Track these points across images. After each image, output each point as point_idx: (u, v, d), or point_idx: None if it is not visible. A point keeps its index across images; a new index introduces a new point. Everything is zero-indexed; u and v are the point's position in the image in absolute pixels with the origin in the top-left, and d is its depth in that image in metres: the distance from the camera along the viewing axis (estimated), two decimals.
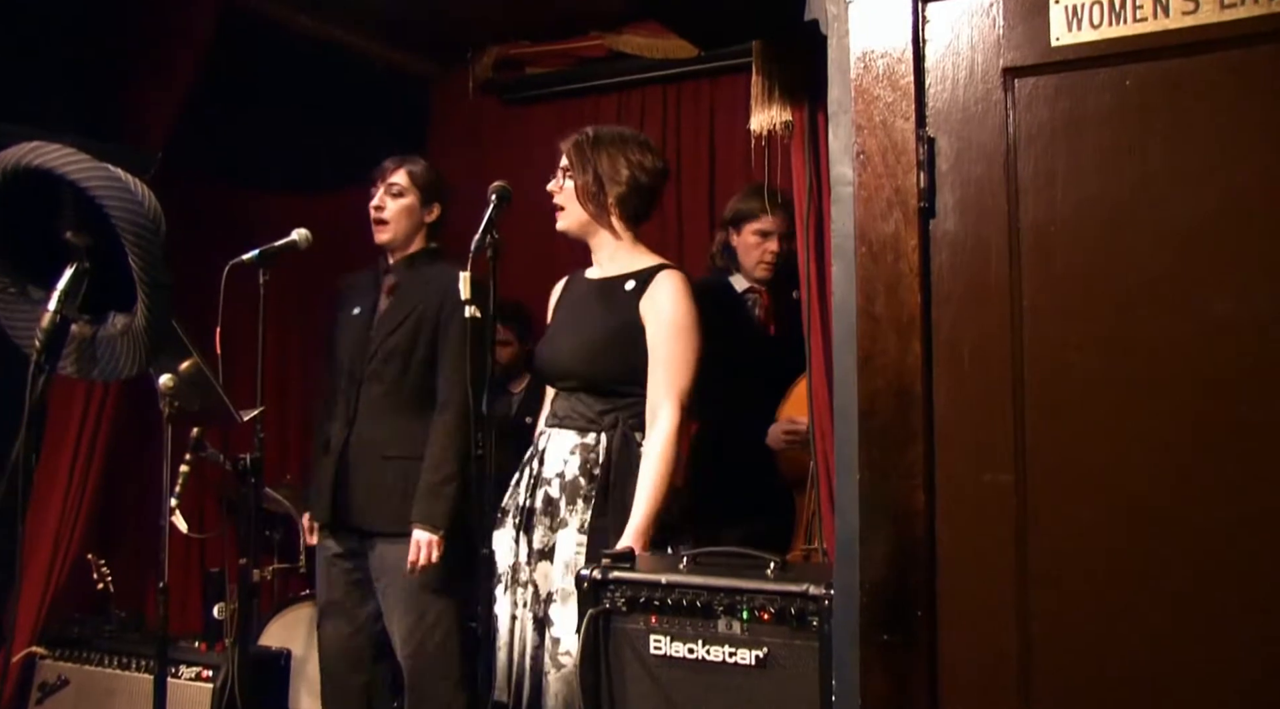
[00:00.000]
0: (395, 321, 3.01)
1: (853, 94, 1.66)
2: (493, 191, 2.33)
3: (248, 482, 2.46)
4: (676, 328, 2.52)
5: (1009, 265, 1.58)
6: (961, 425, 1.59)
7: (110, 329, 1.38)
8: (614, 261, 2.65)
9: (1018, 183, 1.59)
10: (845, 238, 1.64)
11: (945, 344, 1.59)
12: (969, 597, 1.60)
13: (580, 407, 2.55)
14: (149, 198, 1.33)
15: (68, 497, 3.29)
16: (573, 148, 2.62)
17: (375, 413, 2.97)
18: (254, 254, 2.62)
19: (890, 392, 1.60)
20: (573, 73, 4.41)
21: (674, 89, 4.26)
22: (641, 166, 2.63)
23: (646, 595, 1.93)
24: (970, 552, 1.60)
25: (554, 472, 2.50)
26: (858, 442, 1.61)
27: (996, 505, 1.58)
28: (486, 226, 2.26)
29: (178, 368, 2.28)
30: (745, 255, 3.34)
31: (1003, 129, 1.61)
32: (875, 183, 1.63)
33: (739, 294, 3.37)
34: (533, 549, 2.47)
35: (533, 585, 2.45)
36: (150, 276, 1.31)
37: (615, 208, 2.62)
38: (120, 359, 1.38)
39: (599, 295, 2.62)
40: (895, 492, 1.60)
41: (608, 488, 2.47)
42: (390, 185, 3.06)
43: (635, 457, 2.49)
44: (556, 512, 2.47)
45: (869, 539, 1.62)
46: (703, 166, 4.18)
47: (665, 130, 4.28)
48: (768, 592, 1.85)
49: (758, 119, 2.27)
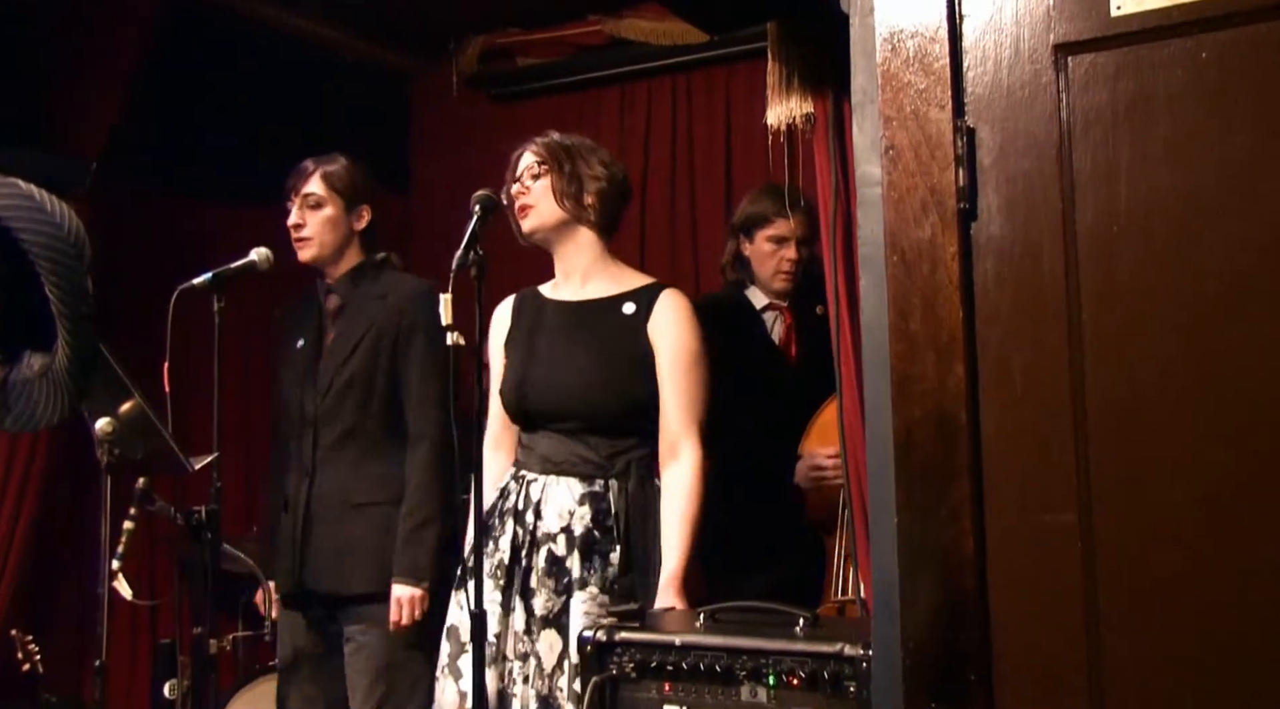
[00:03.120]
0: (347, 349, 2.98)
1: (879, 81, 1.63)
2: (476, 202, 2.33)
3: (203, 538, 2.44)
4: (693, 355, 2.57)
5: (1065, 273, 1.55)
6: (1014, 459, 1.55)
7: (26, 371, 1.36)
8: (594, 277, 2.66)
9: (1073, 177, 1.56)
10: (874, 246, 1.62)
11: (993, 365, 1.56)
12: (1030, 656, 1.56)
13: (582, 450, 2.53)
14: (68, 218, 1.32)
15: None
16: (543, 147, 2.65)
17: (336, 457, 2.95)
18: (206, 277, 2.62)
19: (930, 421, 1.57)
20: (569, 63, 4.42)
21: (684, 79, 4.27)
22: (613, 170, 2.68)
23: (659, 659, 1.91)
24: (1029, 604, 1.56)
25: (557, 526, 2.49)
26: (894, 478, 1.58)
27: (1059, 550, 1.54)
28: (469, 241, 2.26)
29: (117, 410, 2.27)
30: (760, 265, 3.32)
31: (1054, 116, 1.58)
32: (907, 182, 1.60)
33: (755, 311, 3.35)
34: (534, 616, 2.45)
35: (535, 658, 2.42)
36: (71, 309, 1.29)
37: (594, 209, 2.64)
38: (39, 405, 1.36)
39: (588, 320, 2.61)
40: (939, 536, 1.56)
41: (629, 541, 2.47)
42: (306, 197, 3.04)
43: (653, 503, 2.50)
44: (566, 572, 2.45)
45: (910, 591, 1.58)
46: (718, 165, 4.18)
47: (676, 125, 4.29)
48: (797, 653, 1.83)
49: (775, 111, 2.25)
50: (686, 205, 4.22)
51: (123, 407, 2.28)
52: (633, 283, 2.66)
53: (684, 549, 2.43)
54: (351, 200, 3.06)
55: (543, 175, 2.63)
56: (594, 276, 2.66)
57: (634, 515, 2.47)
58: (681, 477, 2.49)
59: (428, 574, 2.81)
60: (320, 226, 3.01)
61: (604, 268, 2.67)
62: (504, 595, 2.49)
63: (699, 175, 4.22)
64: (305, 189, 3.03)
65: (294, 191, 3.04)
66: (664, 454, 2.53)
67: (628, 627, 1.97)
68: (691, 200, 4.22)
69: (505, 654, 2.45)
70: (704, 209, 4.21)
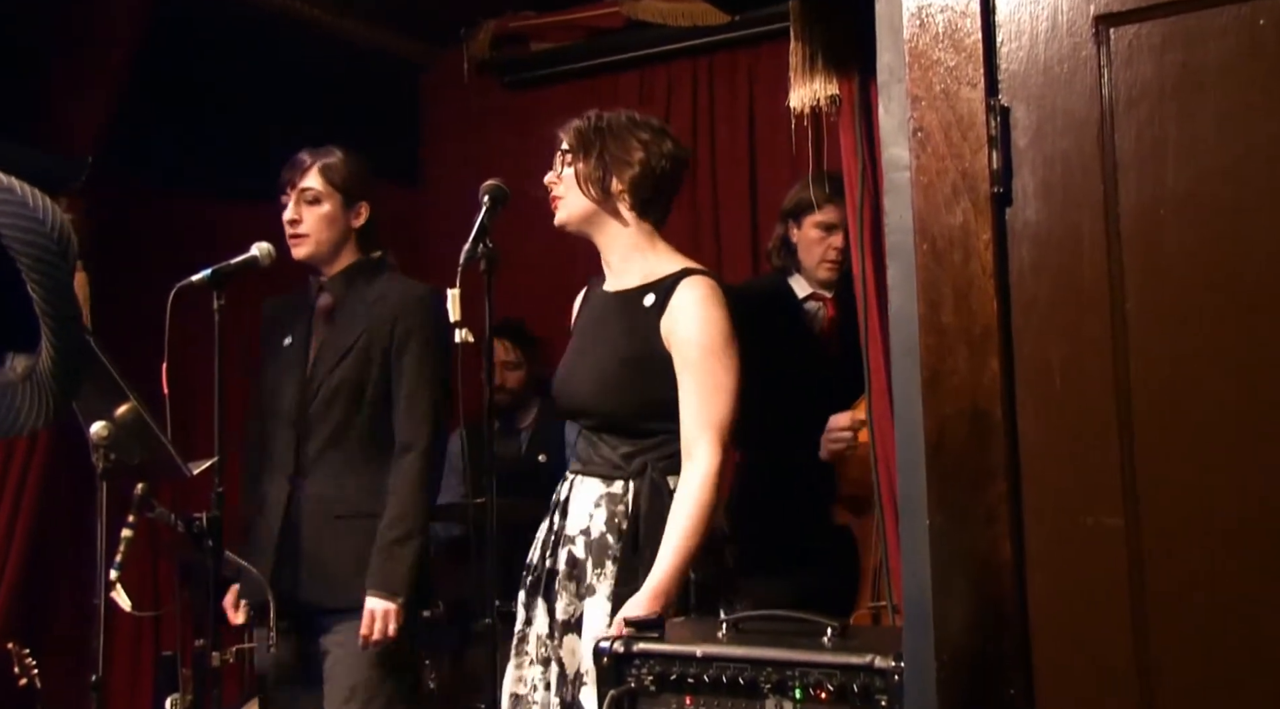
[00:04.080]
0: (339, 352, 2.97)
1: (907, 59, 1.60)
2: (485, 192, 2.32)
3: (204, 546, 2.44)
4: (707, 348, 2.43)
5: (1107, 259, 1.52)
6: (1053, 458, 1.52)
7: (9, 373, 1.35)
8: (629, 266, 2.58)
9: (1115, 157, 1.53)
10: (903, 234, 1.59)
11: (1029, 359, 1.53)
12: (1074, 668, 1.53)
13: (603, 449, 2.51)
14: (53, 213, 1.30)
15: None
16: (573, 131, 2.57)
17: (322, 463, 2.93)
18: (206, 274, 2.62)
19: (963, 418, 1.54)
20: (585, 47, 4.41)
21: (705, 62, 4.25)
22: (657, 149, 2.55)
23: (679, 671, 1.89)
24: (1072, 613, 1.53)
25: (578, 527, 2.47)
26: (925, 479, 1.55)
27: (1103, 555, 1.51)
28: (478, 234, 2.25)
29: (113, 413, 2.26)
30: (806, 253, 3.31)
31: (1095, 92, 1.54)
32: (937, 165, 1.57)
33: (798, 300, 3.34)
34: (556, 620, 2.43)
35: (558, 664, 2.41)
36: (55, 308, 1.28)
37: (626, 195, 2.53)
38: (22, 410, 1.35)
39: (616, 313, 2.57)
40: (974, 540, 1.53)
41: (637, 547, 2.41)
42: (303, 191, 3.00)
43: (667, 507, 2.42)
44: (583, 576, 2.43)
45: (944, 598, 1.55)
46: (741, 150, 4.16)
47: (697, 109, 4.28)
48: (825, 664, 1.80)
49: (798, 93, 2.24)
50: (708, 194, 4.21)
51: (118, 409, 2.27)
52: (662, 271, 2.53)
53: (674, 561, 2.32)
54: (350, 196, 3.03)
55: (569, 163, 2.55)
56: (629, 266, 2.56)
57: (646, 520, 2.41)
58: (690, 483, 2.37)
59: (404, 589, 2.80)
60: (317, 223, 2.99)
61: (640, 257, 2.56)
62: (529, 596, 2.48)
63: (721, 163, 4.21)
64: (302, 183, 3.00)
65: (290, 185, 3.01)
66: (684, 457, 2.45)
67: (646, 637, 1.95)
68: (713, 189, 4.21)
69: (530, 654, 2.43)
70: (726, 198, 4.19)
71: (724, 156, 4.20)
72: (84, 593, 3.20)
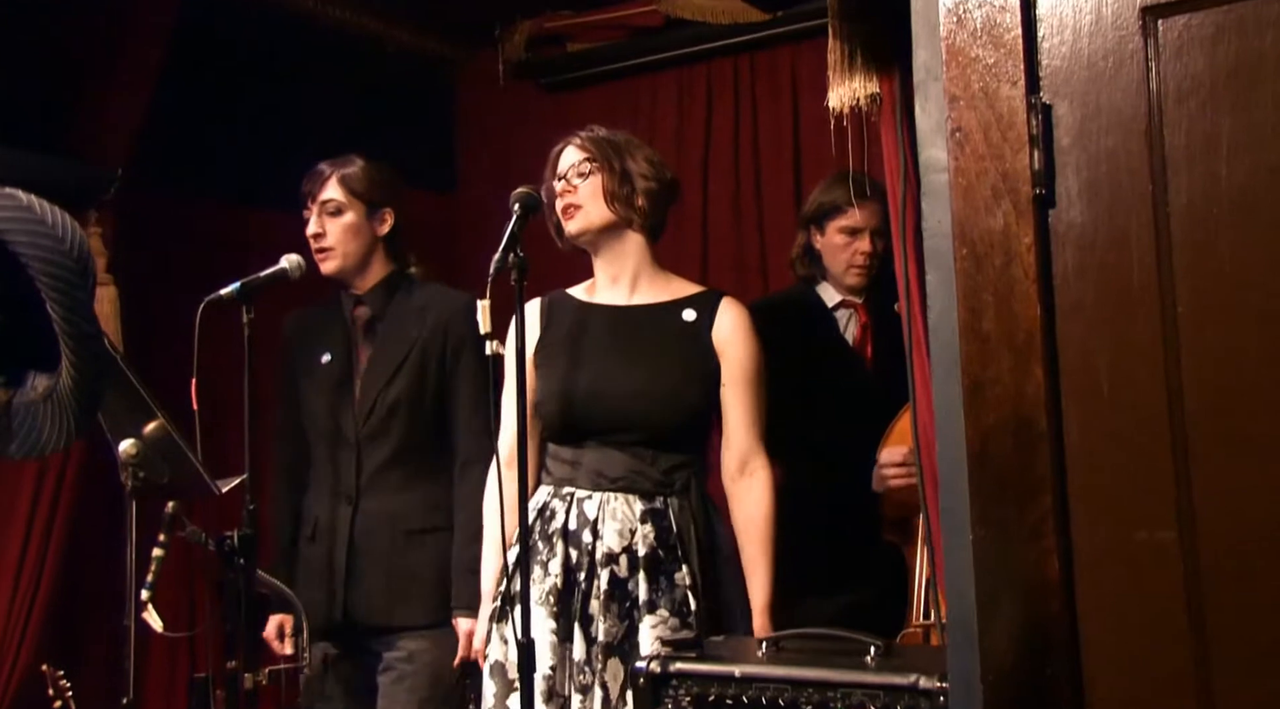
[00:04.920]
0: (390, 367, 2.99)
1: (944, 56, 1.60)
2: (515, 200, 2.35)
3: (236, 565, 2.47)
4: (759, 366, 2.64)
5: (1156, 261, 1.50)
6: (1102, 469, 1.51)
7: (30, 393, 1.38)
8: (643, 282, 2.68)
9: (1164, 155, 1.52)
10: (941, 238, 1.58)
11: (1075, 367, 1.52)
12: (1128, 691, 1.52)
13: (639, 464, 2.55)
14: (71, 230, 1.33)
15: (16, 594, 3.31)
16: (591, 143, 2.64)
17: (384, 481, 2.96)
18: (234, 287, 2.65)
19: (1007, 429, 1.53)
20: (623, 47, 4.42)
21: (746, 60, 4.25)
22: (660, 169, 2.69)
23: (717, 692, 1.90)
24: (1125, 633, 1.51)
25: (619, 546, 2.49)
26: (968, 493, 1.54)
27: (1157, 572, 1.50)
28: (508, 243, 2.27)
29: (141, 431, 2.30)
30: (832, 259, 3.29)
31: (1142, 87, 1.53)
32: (976, 167, 1.56)
33: (827, 309, 3.32)
34: (595, 644, 2.45)
35: (601, 689, 2.42)
36: (74, 327, 1.31)
37: (644, 211, 2.64)
38: (44, 430, 1.38)
39: (644, 326, 2.63)
40: (1020, 557, 1.52)
41: (699, 562, 2.50)
42: (325, 203, 3.02)
43: (715, 521, 2.56)
44: (630, 595, 2.46)
45: (989, 617, 1.54)
46: (786, 153, 4.15)
47: (739, 110, 4.27)
48: (867, 685, 1.81)
49: (837, 93, 2.23)
50: (752, 197, 4.20)
51: (147, 427, 2.31)
52: (686, 289, 2.70)
53: (770, 575, 2.52)
54: (373, 204, 3.05)
55: (591, 173, 2.63)
56: (643, 282, 2.68)
57: (700, 533, 2.51)
58: (759, 495, 2.56)
59: None
60: (342, 235, 3.01)
61: (653, 273, 2.70)
62: (558, 624, 2.48)
63: (764, 164, 4.19)
64: (323, 195, 3.03)
65: (310, 198, 3.04)
66: (732, 471, 2.57)
67: (684, 657, 1.95)
68: (757, 191, 4.19)
69: (558, 689, 2.44)
70: (771, 201, 4.18)
71: (767, 158, 4.18)
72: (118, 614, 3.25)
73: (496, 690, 2.52)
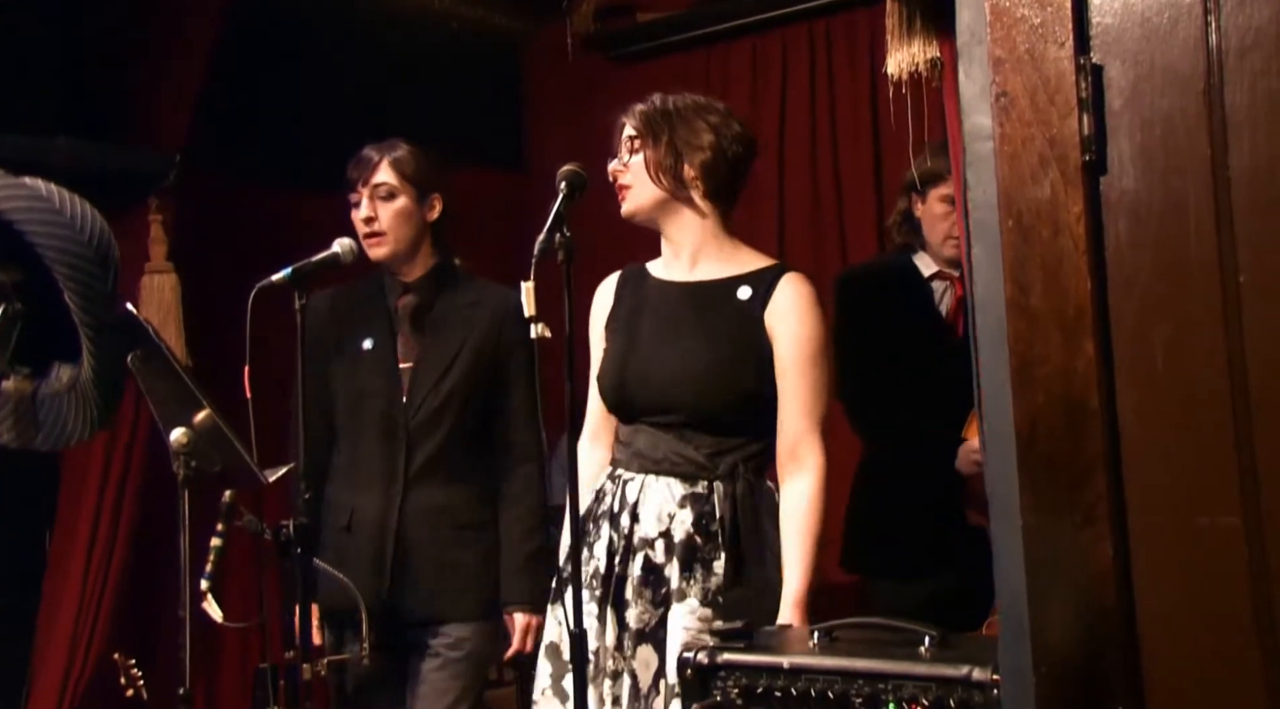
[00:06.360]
0: (444, 360, 3.03)
1: (988, 17, 1.58)
2: (561, 178, 2.35)
3: (291, 554, 2.53)
4: (817, 347, 2.56)
5: (1216, 230, 1.47)
6: (1159, 451, 1.48)
7: (55, 384, 1.43)
8: (704, 257, 2.64)
9: (1225, 116, 1.48)
10: (987, 210, 1.57)
11: (1129, 342, 1.49)
12: (1191, 684, 1.49)
13: (682, 447, 2.53)
14: (89, 219, 1.38)
15: (86, 583, 3.42)
16: (638, 116, 2.63)
17: (432, 474, 3.01)
18: (286, 273, 2.71)
19: (1056, 409, 1.51)
20: (692, 16, 4.43)
21: (822, 25, 4.23)
22: (727, 132, 2.62)
23: (766, 684, 1.90)
24: (1186, 623, 1.49)
25: (656, 530, 2.50)
26: (1017, 476, 1.52)
27: (1220, 559, 1.47)
28: (553, 223, 2.28)
29: (192, 420, 2.37)
30: (931, 228, 3.29)
31: (1200, 43, 1.50)
32: (1022, 133, 1.54)
33: (922, 279, 3.30)
34: (627, 630, 2.47)
35: (630, 676, 2.44)
36: (93, 317, 1.35)
37: (699, 182, 2.60)
38: (69, 421, 1.43)
39: (699, 304, 2.60)
40: (1071, 542, 1.50)
41: (738, 551, 2.47)
42: (377, 187, 3.05)
43: (763, 510, 2.51)
44: (664, 581, 2.46)
45: (1041, 606, 1.53)
46: (863, 121, 4.12)
47: (815, 76, 4.25)
48: (919, 677, 1.80)
49: (895, 58, 2.24)
50: (829, 168, 4.17)
51: (197, 416, 2.38)
52: (750, 264, 2.64)
53: (808, 567, 2.44)
54: (423, 189, 3.08)
55: (638, 149, 2.62)
56: (705, 257, 2.65)
57: (742, 522, 2.47)
58: (804, 485, 2.49)
59: (544, 601, 2.87)
60: (394, 219, 3.04)
61: (718, 247, 2.65)
62: (599, 607, 2.51)
63: (842, 133, 4.17)
64: (375, 179, 3.06)
65: (360, 182, 3.07)
66: (783, 457, 2.53)
67: (732, 647, 1.96)
68: (834, 162, 4.17)
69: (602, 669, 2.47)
70: (849, 171, 4.16)
71: (844, 127, 4.16)
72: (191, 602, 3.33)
73: (552, 671, 2.56)
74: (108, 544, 3.46)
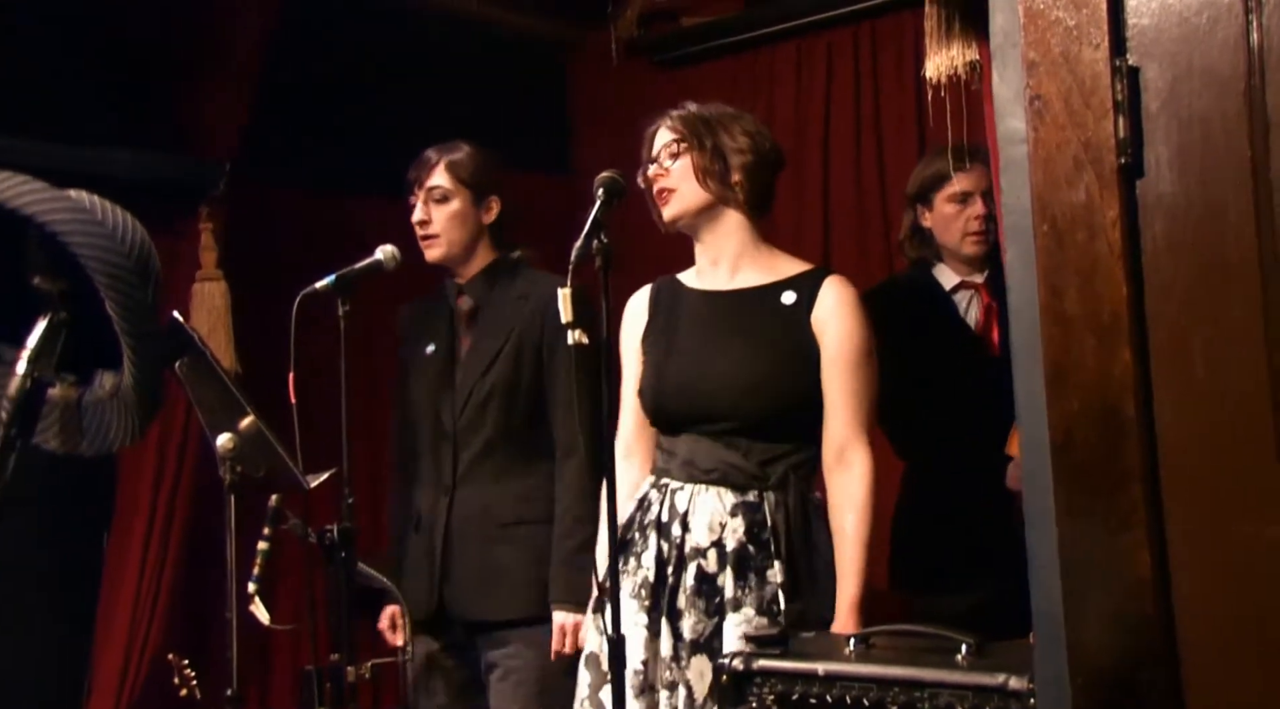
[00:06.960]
0: (488, 356, 3.05)
1: (1022, 19, 1.57)
2: (599, 185, 2.35)
3: (336, 558, 2.56)
4: (863, 350, 2.56)
5: (1256, 233, 1.45)
6: (1198, 458, 1.47)
7: (98, 391, 1.46)
8: (745, 264, 2.65)
9: (1265, 117, 1.46)
10: (1020, 214, 1.56)
11: (1166, 348, 1.48)
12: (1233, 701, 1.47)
13: (732, 456, 2.54)
14: (130, 229, 1.41)
15: (141, 584, 3.45)
16: (680, 121, 2.64)
17: (480, 472, 3.03)
18: (329, 280, 2.74)
19: (1092, 415, 1.49)
20: (738, 20, 4.42)
21: (867, 28, 4.19)
22: (763, 140, 2.65)
23: (801, 690, 1.91)
24: (1228, 635, 1.47)
25: (708, 540, 2.50)
26: (1052, 484, 1.51)
27: (1264, 570, 1.45)
28: (591, 229, 2.29)
29: (237, 426, 2.40)
30: (945, 232, 3.24)
31: (1241, 43, 1.48)
32: (1057, 137, 1.53)
33: (944, 292, 3.26)
34: (682, 641, 2.46)
35: (685, 688, 2.43)
36: (133, 325, 1.38)
37: (742, 186, 2.61)
38: (112, 427, 1.46)
39: (743, 311, 2.61)
40: (1107, 550, 1.49)
41: (793, 560, 2.48)
42: (431, 190, 3.09)
43: (814, 518, 2.52)
44: (718, 591, 2.46)
45: (1077, 615, 1.52)
46: (909, 126, 4.08)
47: (860, 79, 4.22)
48: (955, 685, 1.80)
49: (934, 61, 2.21)
50: (874, 174, 4.13)
51: (242, 422, 2.42)
52: (791, 269, 2.65)
53: (859, 570, 2.45)
54: (480, 191, 3.10)
55: (682, 153, 2.63)
56: (745, 263, 2.65)
57: (795, 531, 2.48)
58: (853, 490, 2.49)
59: (588, 599, 2.87)
60: (447, 222, 3.07)
61: (756, 253, 2.66)
62: (650, 617, 2.50)
63: (888, 139, 4.12)
64: (429, 182, 3.09)
65: (417, 185, 3.10)
66: (830, 462, 2.53)
67: (768, 653, 1.96)
68: (880, 167, 4.13)
69: (653, 683, 2.47)
70: (895, 177, 4.10)
71: (890, 131, 4.11)
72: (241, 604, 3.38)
73: (591, 681, 2.56)
74: (162, 546, 3.50)
